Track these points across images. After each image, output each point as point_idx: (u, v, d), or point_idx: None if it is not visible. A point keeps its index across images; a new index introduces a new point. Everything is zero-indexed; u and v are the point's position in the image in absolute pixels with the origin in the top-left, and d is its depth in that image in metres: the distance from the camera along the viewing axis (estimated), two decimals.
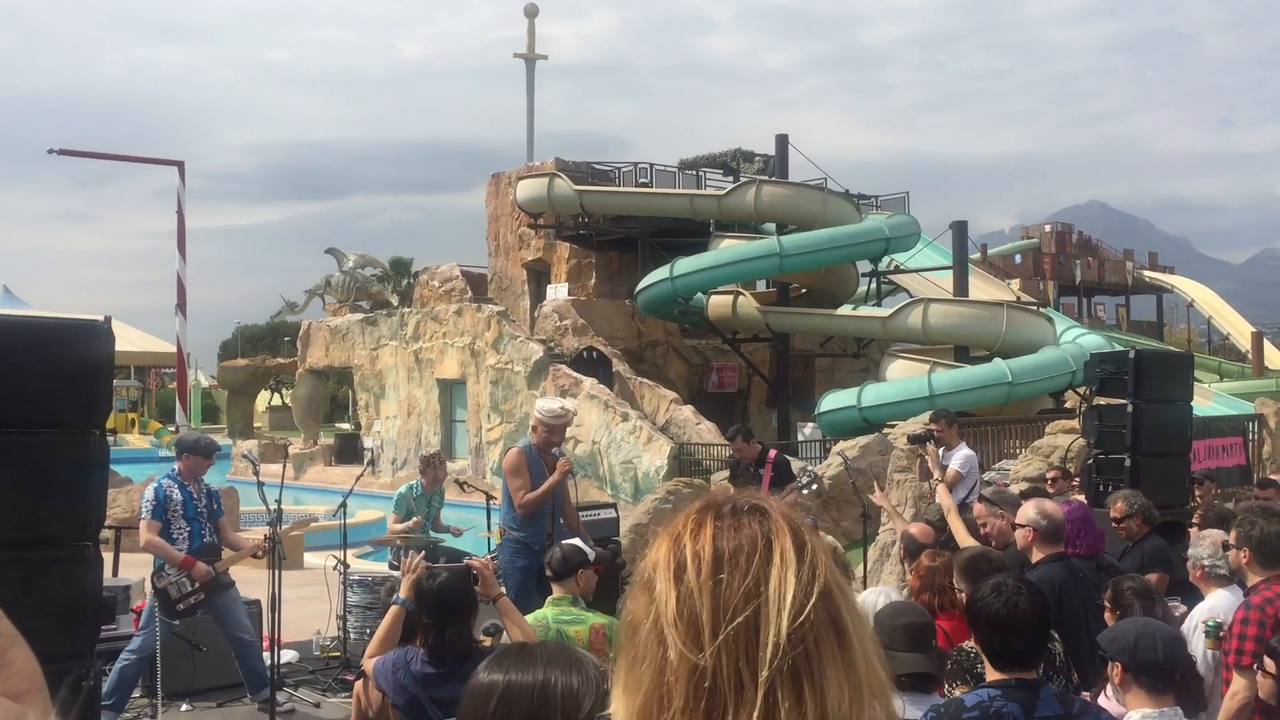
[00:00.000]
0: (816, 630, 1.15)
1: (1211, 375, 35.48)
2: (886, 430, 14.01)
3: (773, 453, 9.40)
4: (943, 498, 7.54)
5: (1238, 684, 4.77)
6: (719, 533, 1.21)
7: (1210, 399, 25.56)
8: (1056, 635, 4.13)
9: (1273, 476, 9.63)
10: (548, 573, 5.16)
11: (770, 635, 1.14)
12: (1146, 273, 50.86)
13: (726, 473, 9.74)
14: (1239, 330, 44.77)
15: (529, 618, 4.83)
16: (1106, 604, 5.06)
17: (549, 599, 5.13)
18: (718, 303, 24.76)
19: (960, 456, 8.84)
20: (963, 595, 4.99)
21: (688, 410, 21.74)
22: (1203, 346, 48.00)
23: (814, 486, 9.35)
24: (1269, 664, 4.10)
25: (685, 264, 23.42)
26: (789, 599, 1.15)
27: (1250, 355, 39.36)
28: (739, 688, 1.13)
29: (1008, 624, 3.27)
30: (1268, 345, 42.37)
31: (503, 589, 5.49)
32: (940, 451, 8.75)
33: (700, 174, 27.86)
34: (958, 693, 4.03)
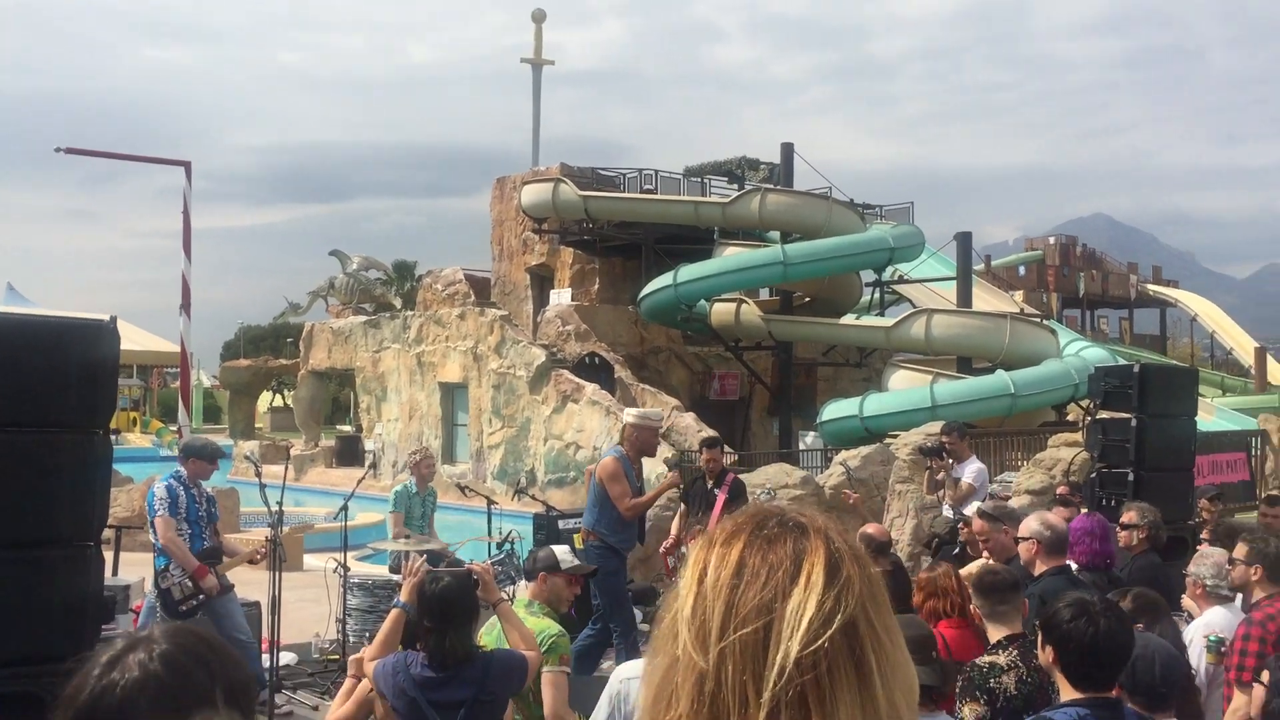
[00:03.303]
0: (832, 660, 1.12)
1: (1214, 390, 35.46)
2: (889, 440, 13.99)
3: (731, 475, 9.33)
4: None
5: (1239, 700, 4.76)
6: (751, 542, 1.20)
7: (1213, 414, 25.54)
8: None
9: (1275, 492, 9.62)
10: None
11: (779, 655, 1.12)
12: (1150, 286, 50.86)
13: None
14: (1242, 345, 44.75)
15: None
16: None
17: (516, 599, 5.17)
18: (721, 310, 24.76)
19: (972, 469, 8.85)
20: (971, 607, 5.00)
21: (689, 417, 21.72)
22: (1206, 361, 47.97)
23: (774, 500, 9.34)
24: (1265, 676, 4.09)
25: (689, 271, 23.43)
26: (805, 622, 1.13)
27: (1253, 370, 39.32)
28: (743, 702, 1.12)
29: (1101, 647, 3.28)
30: (1271, 360, 42.33)
31: (504, 595, 5.49)
32: (950, 464, 8.76)
33: (705, 181, 27.86)
34: (966, 710, 4.02)
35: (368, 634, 7.80)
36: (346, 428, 39.37)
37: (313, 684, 8.47)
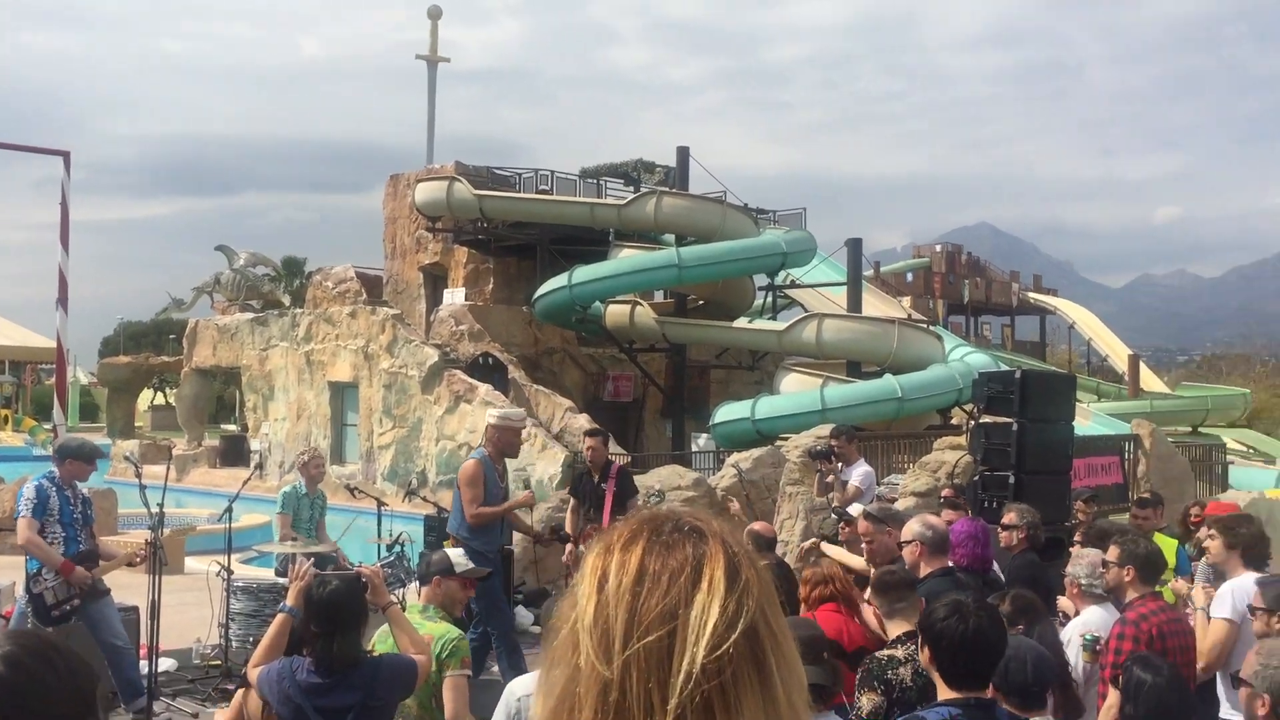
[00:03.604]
0: (736, 665, 1.12)
1: (1090, 395, 36.70)
2: (780, 442, 14.17)
3: (615, 466, 9.36)
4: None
5: (1114, 697, 4.91)
6: (650, 548, 1.18)
7: (1090, 418, 26.42)
8: None
9: (1146, 495, 10.00)
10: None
11: (684, 662, 1.11)
12: (1031, 294, 52.40)
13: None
14: (1117, 352, 46.40)
15: None
16: None
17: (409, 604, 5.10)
18: (615, 312, 24.80)
19: (860, 472, 9.00)
20: (868, 604, 5.11)
21: (583, 418, 21.68)
22: (1083, 367, 49.65)
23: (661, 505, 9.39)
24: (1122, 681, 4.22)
25: (584, 272, 23.41)
26: (709, 628, 1.12)
27: (1127, 377, 40.82)
28: (649, 710, 1.11)
29: (971, 645, 3.34)
30: (1143, 368, 44.01)
31: (394, 598, 5.40)
32: (839, 466, 8.90)
33: (601, 183, 27.89)
34: (865, 700, 4.09)
35: (251, 639, 7.60)
36: (231, 427, 38.40)
37: (193, 690, 8.23)
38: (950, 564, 5.98)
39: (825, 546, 7.49)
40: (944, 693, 3.36)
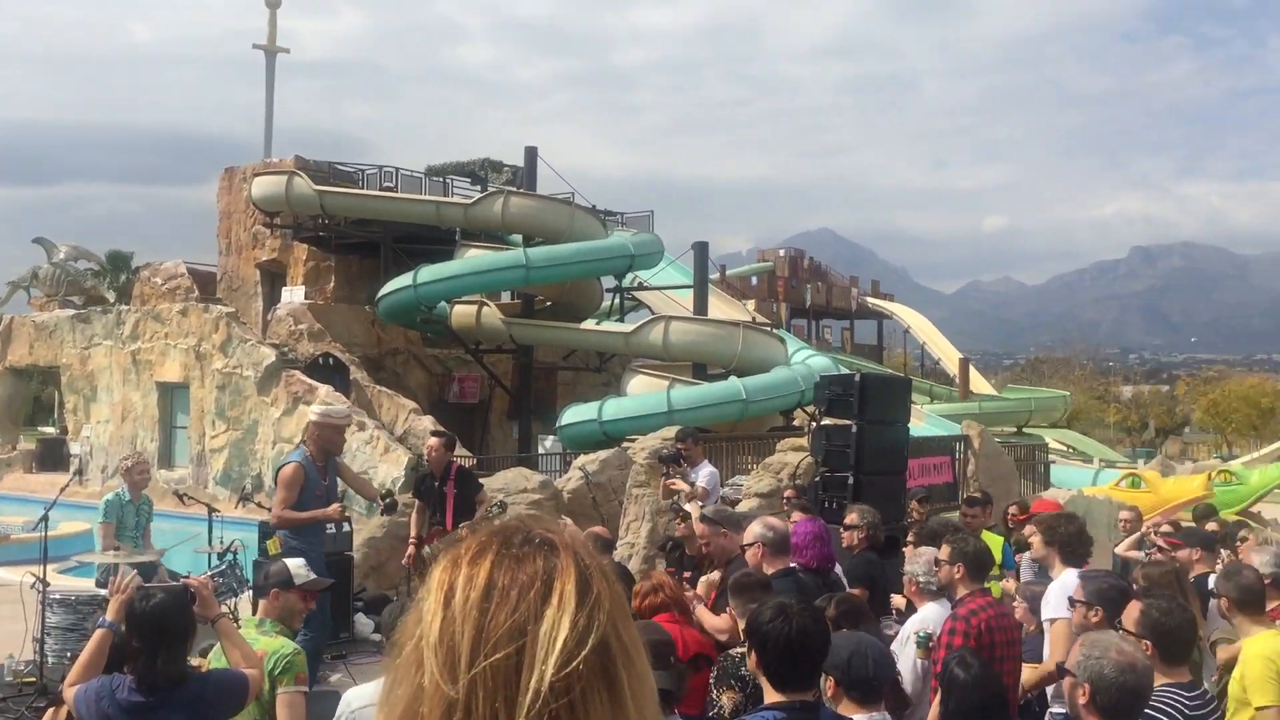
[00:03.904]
0: (586, 682, 1.08)
1: (924, 397, 38.04)
2: (626, 445, 14.21)
3: (455, 466, 9.41)
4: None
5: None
6: (499, 561, 1.14)
7: (923, 420, 27.38)
8: None
9: (975, 494, 10.37)
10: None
11: (532, 680, 1.07)
12: (869, 299, 54.08)
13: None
14: (949, 356, 48.29)
15: None
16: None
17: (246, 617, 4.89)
18: (461, 312, 24.51)
19: (705, 473, 9.10)
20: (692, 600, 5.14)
21: (427, 420, 21.35)
22: (917, 370, 51.47)
23: (504, 516, 9.35)
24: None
25: (429, 272, 23.06)
26: (559, 644, 1.08)
27: (958, 379, 42.49)
28: None
29: (796, 647, 3.33)
30: (973, 371, 45.89)
31: (224, 609, 5.17)
32: (685, 469, 8.98)
33: (448, 181, 27.52)
34: (724, 698, 4.09)
35: (69, 655, 7.19)
36: (49, 429, 36.44)
37: (4, 710, 7.75)
38: (793, 565, 6.07)
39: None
40: (770, 695, 3.36)
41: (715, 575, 6.29)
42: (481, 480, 10.66)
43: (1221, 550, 7.57)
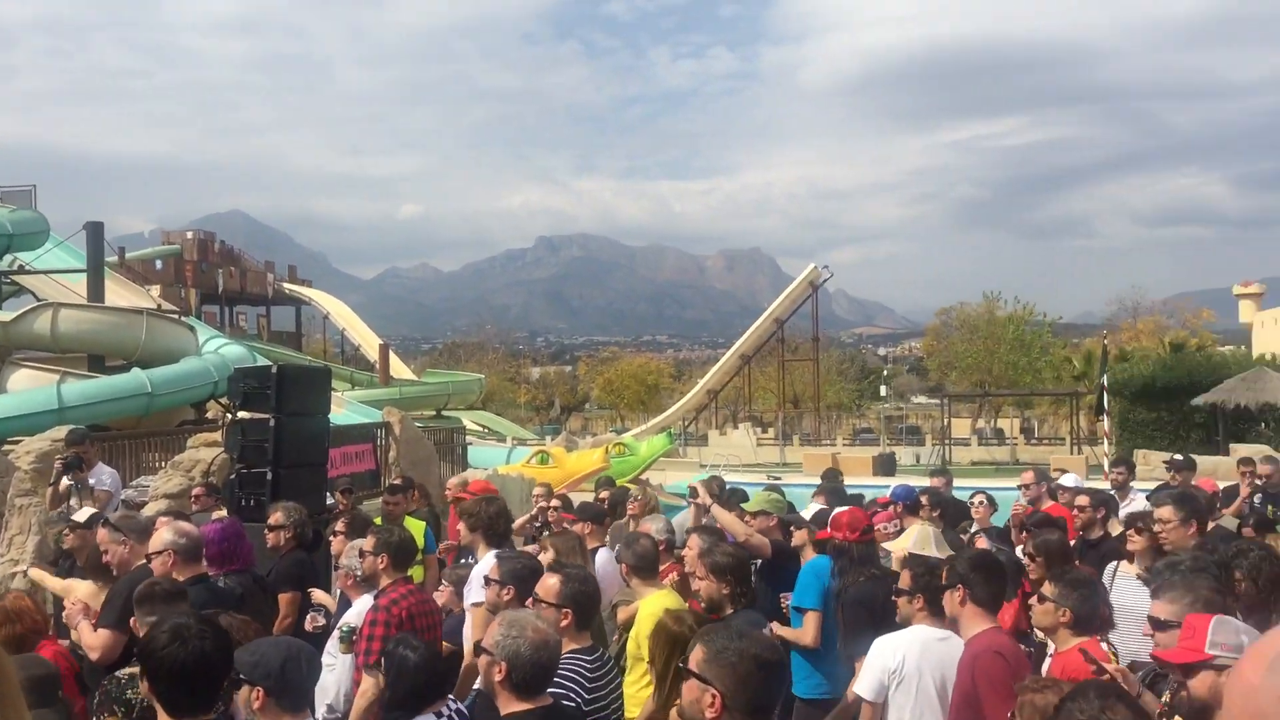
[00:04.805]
0: None
1: (345, 384, 37.96)
2: (8, 448, 12.59)
3: None
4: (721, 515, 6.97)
5: (366, 683, 5.06)
6: None
7: (344, 407, 27.30)
8: None
9: (396, 481, 10.49)
10: None
11: None
12: (286, 285, 52.87)
13: None
14: (369, 342, 48.61)
15: None
16: None
17: None
18: None
19: (108, 475, 8.38)
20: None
21: None
22: (337, 356, 51.29)
23: None
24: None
25: None
26: None
27: (378, 365, 42.92)
28: None
29: (193, 672, 3.07)
30: (393, 356, 46.60)
31: None
32: (85, 473, 8.20)
33: None
34: None
35: None
36: None
37: None
38: (208, 572, 5.73)
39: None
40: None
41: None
42: None
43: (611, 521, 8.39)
